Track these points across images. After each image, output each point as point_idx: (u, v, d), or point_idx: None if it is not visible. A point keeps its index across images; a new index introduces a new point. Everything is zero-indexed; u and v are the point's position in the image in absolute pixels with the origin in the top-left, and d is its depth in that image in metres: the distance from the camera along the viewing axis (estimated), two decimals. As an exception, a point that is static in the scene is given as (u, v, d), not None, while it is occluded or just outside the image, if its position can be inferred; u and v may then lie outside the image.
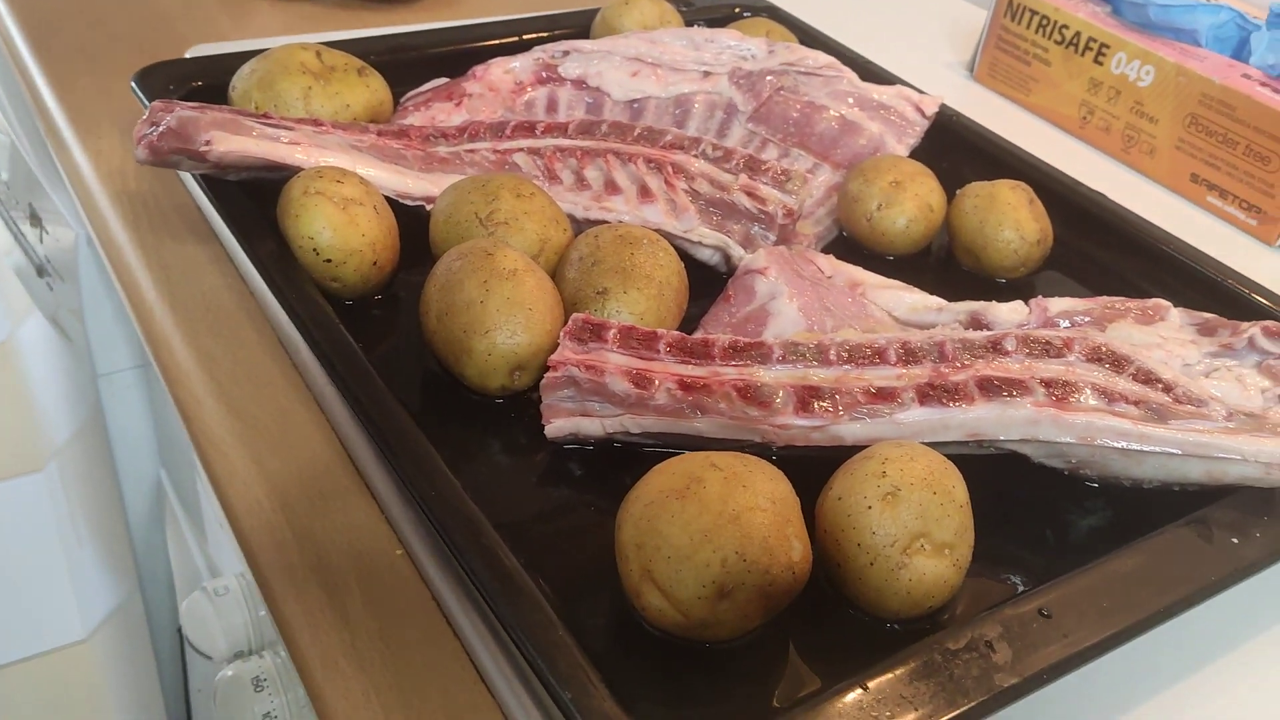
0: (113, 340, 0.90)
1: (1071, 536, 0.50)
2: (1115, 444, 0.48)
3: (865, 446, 0.46)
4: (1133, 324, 0.55)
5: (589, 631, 0.43)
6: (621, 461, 0.51)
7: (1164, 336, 0.54)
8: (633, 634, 0.43)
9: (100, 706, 1.32)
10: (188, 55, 0.80)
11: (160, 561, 1.02)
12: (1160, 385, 0.49)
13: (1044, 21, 0.87)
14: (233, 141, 0.56)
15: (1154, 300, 0.57)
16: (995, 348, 0.50)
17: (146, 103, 0.65)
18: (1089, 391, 0.49)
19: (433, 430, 0.48)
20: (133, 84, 0.68)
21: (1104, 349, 0.50)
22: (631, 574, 0.41)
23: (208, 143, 0.55)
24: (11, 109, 0.96)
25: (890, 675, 0.39)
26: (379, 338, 0.57)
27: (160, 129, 0.55)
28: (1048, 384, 0.49)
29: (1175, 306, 0.57)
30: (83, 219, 0.72)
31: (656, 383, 0.48)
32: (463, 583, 0.46)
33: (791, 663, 0.43)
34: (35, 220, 0.89)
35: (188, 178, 0.70)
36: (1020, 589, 0.47)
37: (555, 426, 0.50)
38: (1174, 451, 0.48)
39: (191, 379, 0.58)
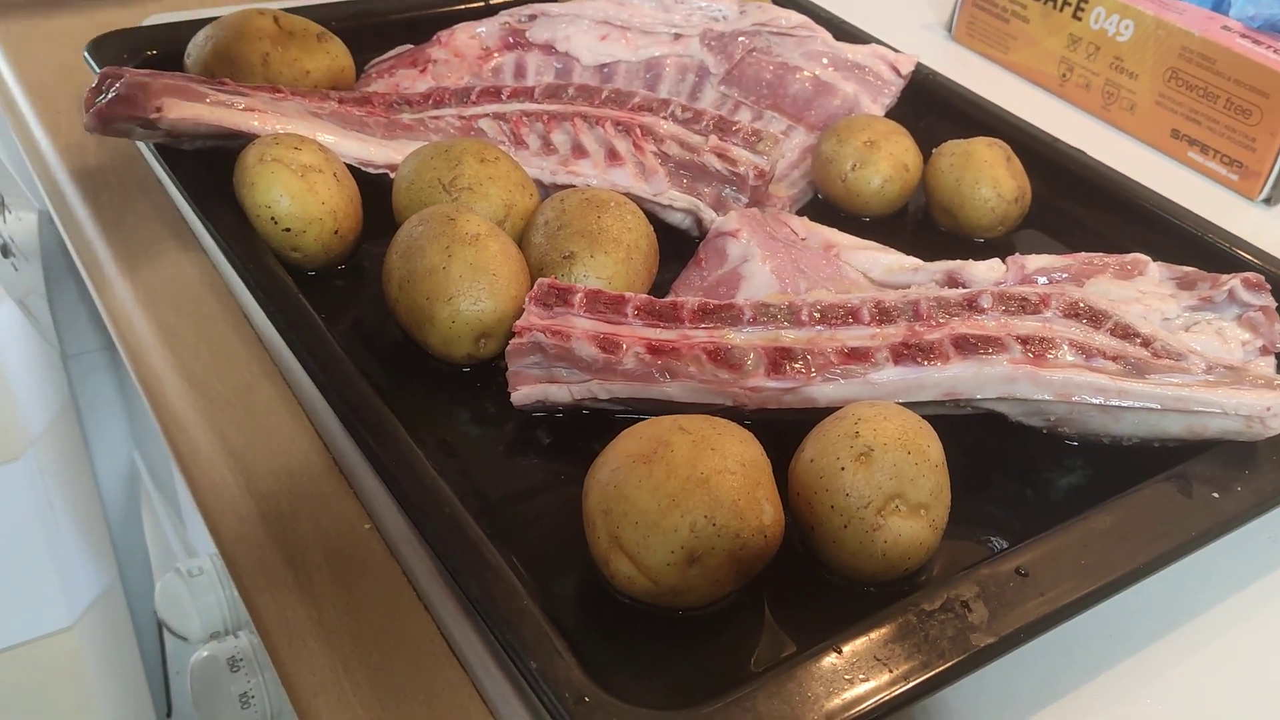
0: (79, 321, 0.88)
1: (1051, 495, 0.49)
2: (1093, 400, 0.47)
3: (839, 409, 0.45)
4: (1111, 279, 0.54)
5: (558, 601, 0.42)
6: (591, 429, 0.49)
7: (1143, 291, 0.53)
8: (603, 603, 0.42)
9: (87, 692, 1.31)
10: (144, 24, 0.78)
11: (138, 544, 1.00)
12: (1139, 340, 0.48)
13: (1021, -22, 0.85)
14: (185, 108, 0.54)
15: (1133, 255, 0.56)
16: (971, 305, 0.49)
17: (98, 71, 0.63)
18: (1066, 347, 0.48)
19: (397, 401, 0.46)
20: (85, 54, 0.66)
21: (1081, 304, 0.49)
22: (599, 541, 0.40)
23: (159, 109, 0.54)
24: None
25: (865, 638, 0.38)
26: (343, 309, 0.56)
27: (109, 96, 0.54)
28: (1024, 341, 0.48)
29: (1155, 261, 0.56)
30: (43, 196, 0.70)
31: (624, 347, 0.47)
32: (431, 553, 0.45)
33: (766, 628, 0.42)
34: (-2, 200, 0.88)
35: (148, 150, 0.68)
36: (998, 550, 0.47)
37: (522, 394, 0.49)
38: (1153, 406, 0.47)
39: (154, 356, 0.56)
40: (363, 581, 0.46)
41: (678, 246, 0.60)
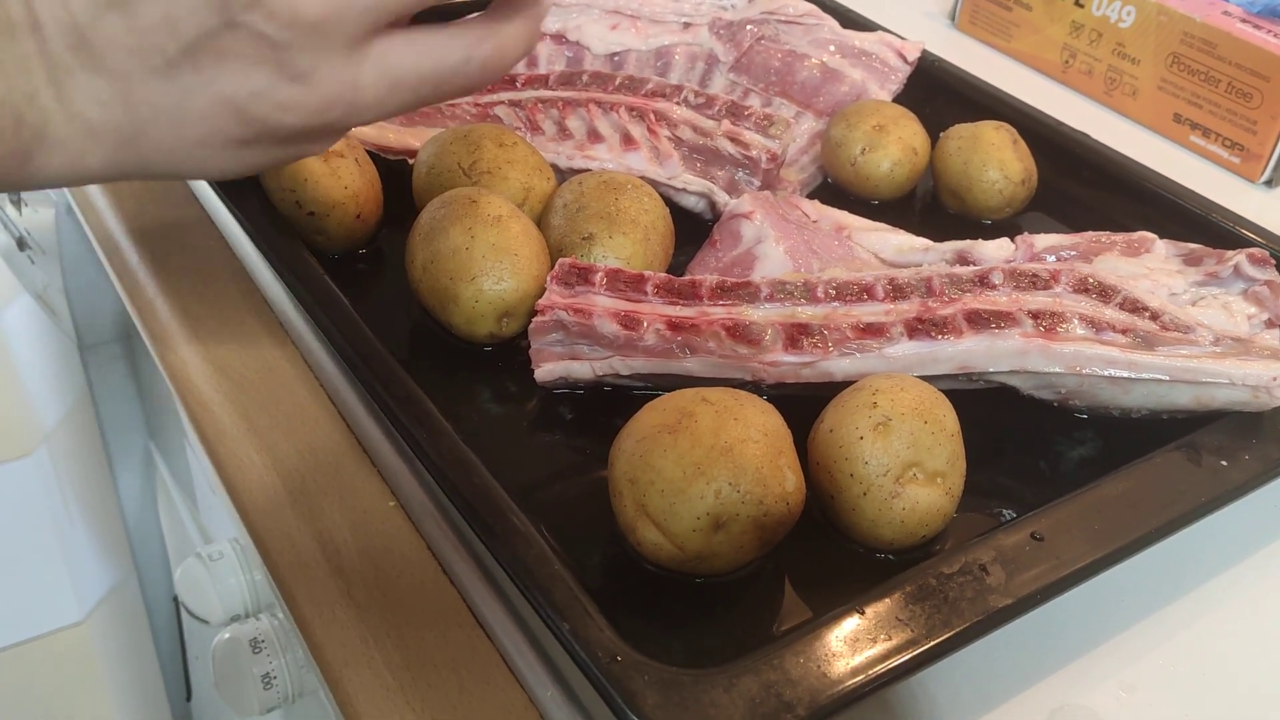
0: (96, 312, 0.89)
1: (1062, 467, 0.50)
2: (1104, 372, 0.48)
3: (855, 382, 0.46)
4: (1119, 256, 0.55)
5: (585, 570, 0.43)
6: (612, 405, 0.50)
7: (1150, 267, 0.54)
8: (628, 571, 0.43)
9: (98, 686, 1.32)
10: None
11: (153, 534, 1.01)
12: (1147, 313, 0.49)
13: (1024, -34, 0.86)
14: (210, 96, 0.55)
15: (1139, 233, 0.57)
16: (982, 281, 0.51)
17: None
18: (1076, 321, 0.49)
19: (421, 380, 0.47)
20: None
21: (1090, 280, 0.50)
22: (625, 510, 0.41)
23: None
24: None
25: (887, 600, 0.39)
26: (364, 291, 0.57)
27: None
28: (1035, 315, 0.49)
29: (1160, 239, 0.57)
30: (63, 189, 0.71)
31: (645, 324, 0.48)
32: (457, 529, 0.46)
33: (787, 595, 0.44)
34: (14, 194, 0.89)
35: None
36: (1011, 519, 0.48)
37: (545, 370, 0.50)
38: (1162, 377, 0.48)
39: (177, 340, 0.57)
40: (388, 556, 0.47)
41: (692, 229, 0.61)
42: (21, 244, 0.88)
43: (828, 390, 0.47)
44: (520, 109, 0.64)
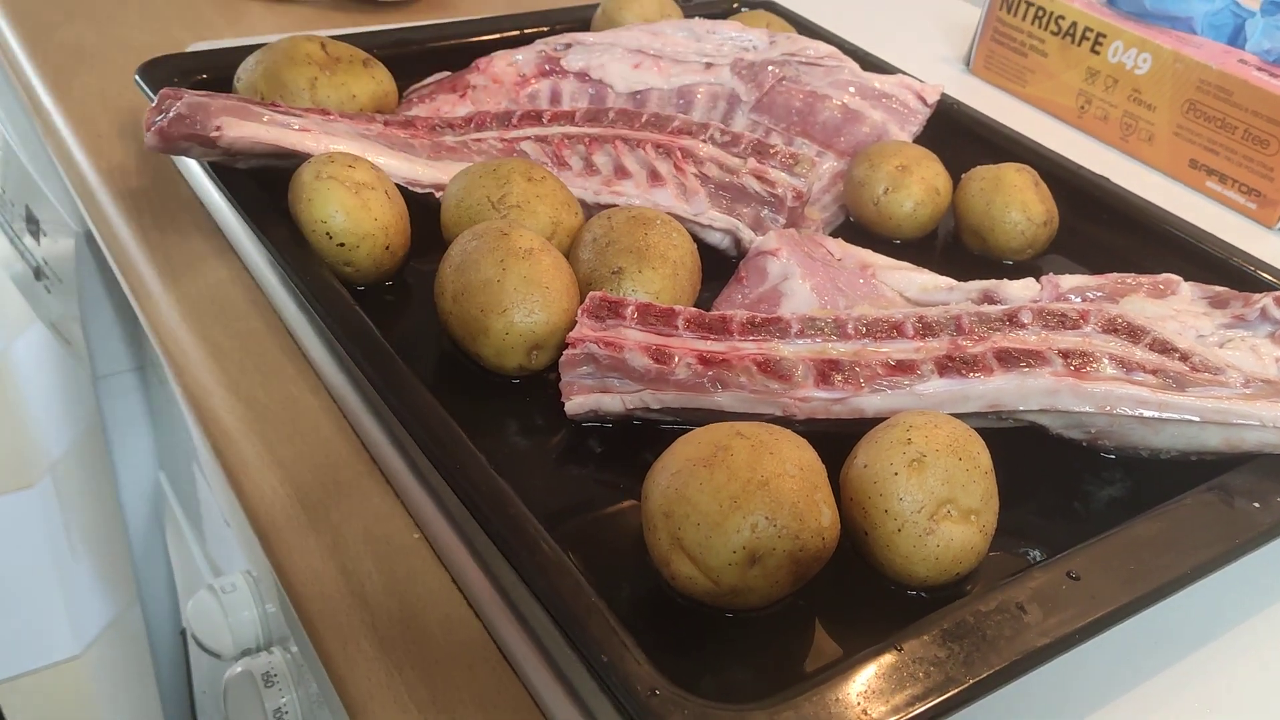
0: (112, 342, 0.89)
1: (1092, 507, 0.50)
2: (1134, 412, 0.48)
3: (886, 418, 0.46)
4: (1145, 298, 0.55)
5: (617, 604, 0.43)
6: (641, 439, 0.50)
7: (1176, 309, 0.54)
8: (661, 605, 0.43)
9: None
10: (190, 50, 0.80)
11: (160, 566, 1.01)
12: (1177, 354, 0.49)
13: (1040, 13, 0.87)
14: (243, 127, 0.56)
15: (1165, 275, 0.57)
16: (1012, 320, 0.51)
17: (152, 95, 0.65)
18: (1106, 361, 0.49)
19: (450, 411, 0.47)
20: (136, 77, 0.67)
21: (1120, 320, 0.50)
22: (660, 543, 0.41)
23: (218, 128, 0.55)
24: (4, 112, 0.96)
25: (924, 637, 0.38)
26: (392, 322, 0.57)
27: (170, 115, 0.55)
28: (1065, 354, 0.49)
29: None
30: (85, 217, 0.72)
31: (676, 358, 0.48)
32: (484, 562, 0.45)
33: (820, 630, 0.43)
34: (32, 223, 0.89)
35: (189, 173, 0.69)
36: (1042, 560, 0.47)
37: (575, 403, 0.49)
38: (1193, 419, 0.48)
39: (200, 370, 0.57)
40: (413, 588, 0.46)
41: (716, 266, 0.61)
42: (39, 273, 0.88)
43: (858, 427, 0.47)
44: (546, 144, 0.64)
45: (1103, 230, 0.69)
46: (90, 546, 1.16)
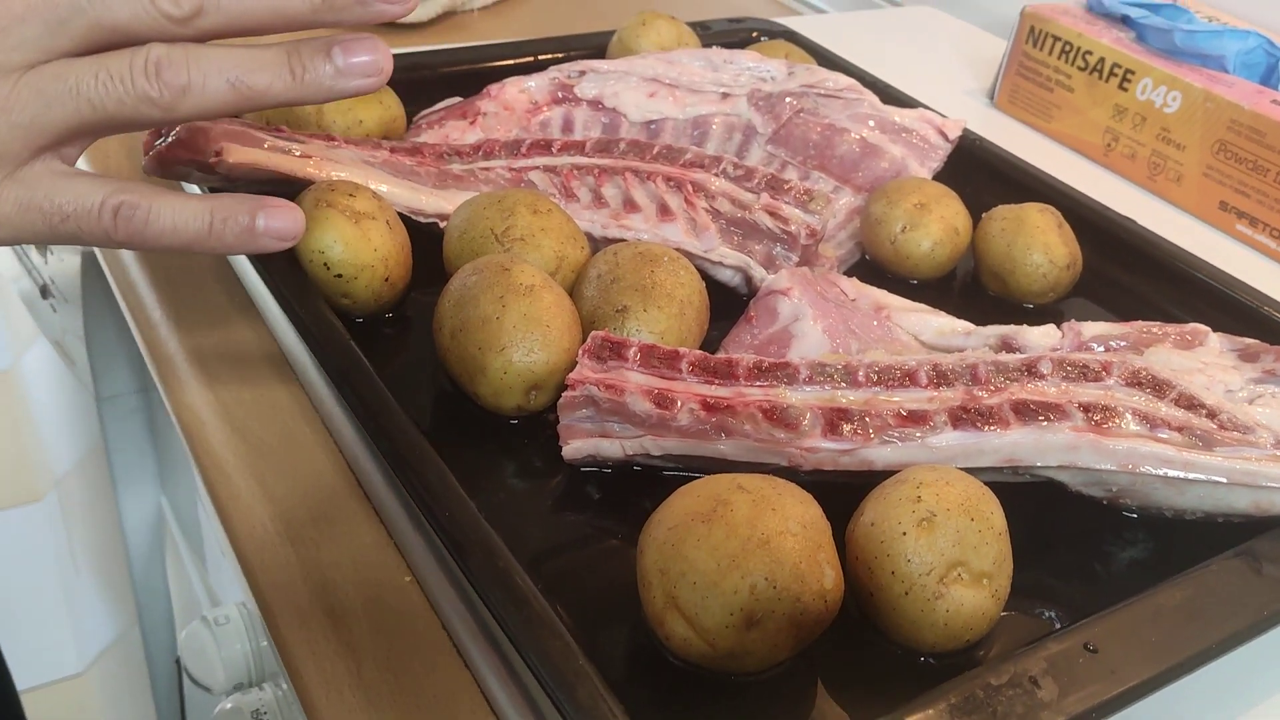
0: (115, 364, 0.88)
1: (1112, 569, 0.48)
2: (1158, 471, 0.46)
3: (896, 472, 0.44)
4: (1171, 349, 0.53)
5: (609, 663, 0.41)
6: (641, 485, 0.49)
7: (1205, 362, 0.52)
8: (655, 666, 0.41)
9: (95, 741, 1.29)
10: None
11: (159, 591, 0.99)
12: (1204, 411, 0.47)
13: (1066, 48, 0.85)
14: (243, 153, 0.55)
15: (1192, 325, 0.55)
16: (1030, 370, 0.49)
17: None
18: (1130, 416, 0.47)
19: (444, 452, 0.46)
20: (142, 99, 0.66)
21: (1144, 373, 0.48)
22: (654, 601, 0.39)
23: (218, 154, 0.54)
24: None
25: (929, 711, 0.36)
26: (389, 357, 0.56)
27: (169, 140, 0.54)
28: (1086, 408, 0.47)
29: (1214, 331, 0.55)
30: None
31: (679, 403, 0.46)
32: (475, 610, 0.44)
33: (822, 697, 0.41)
34: (40, 241, 0.88)
35: (196, 195, 0.68)
36: (1058, 624, 0.45)
37: (573, 448, 0.48)
38: (1220, 480, 0.45)
39: (195, 398, 0.56)
40: (402, 634, 0.45)
41: (726, 303, 0.59)
42: (45, 291, 0.87)
43: (866, 479, 0.45)
44: (555, 175, 0.63)
45: (1128, 274, 0.67)
46: (94, 566, 1.15)
